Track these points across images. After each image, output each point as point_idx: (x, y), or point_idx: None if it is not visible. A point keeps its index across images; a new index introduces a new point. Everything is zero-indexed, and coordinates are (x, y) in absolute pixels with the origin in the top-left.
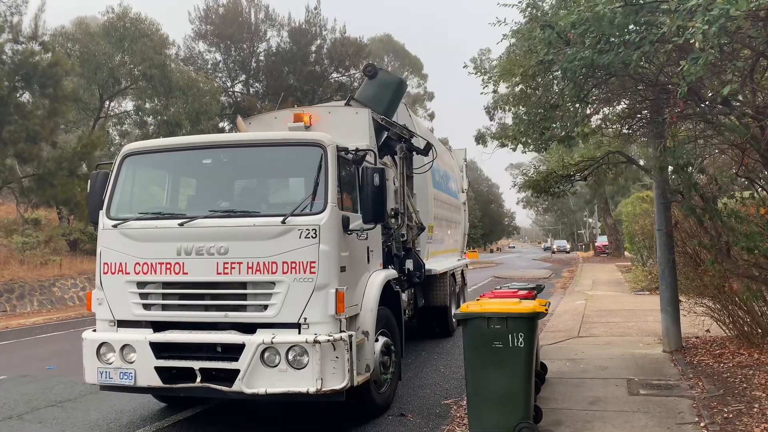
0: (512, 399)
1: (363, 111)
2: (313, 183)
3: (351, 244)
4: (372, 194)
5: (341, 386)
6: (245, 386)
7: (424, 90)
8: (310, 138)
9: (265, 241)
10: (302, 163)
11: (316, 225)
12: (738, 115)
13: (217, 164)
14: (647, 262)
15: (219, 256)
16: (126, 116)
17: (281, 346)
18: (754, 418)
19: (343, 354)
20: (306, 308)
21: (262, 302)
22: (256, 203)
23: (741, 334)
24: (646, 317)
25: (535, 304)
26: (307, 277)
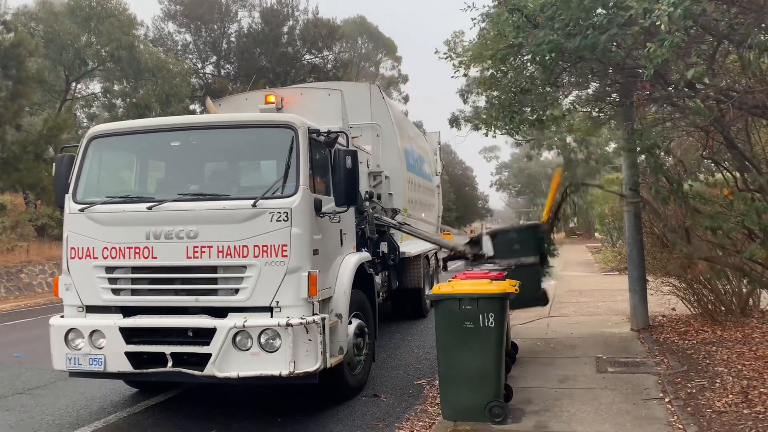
0: (483, 378)
1: (335, 93)
2: (285, 165)
3: (324, 227)
4: (344, 177)
5: (314, 369)
6: (217, 370)
7: (398, 72)
8: (280, 120)
9: (236, 224)
10: (273, 145)
11: (287, 208)
12: (702, 98)
13: (185, 147)
14: (617, 243)
15: (189, 239)
16: (94, 98)
17: (253, 329)
18: (716, 392)
19: (315, 337)
20: (278, 292)
21: (234, 286)
22: (227, 186)
23: (705, 312)
24: (614, 297)
25: (505, 284)
26: (279, 260)
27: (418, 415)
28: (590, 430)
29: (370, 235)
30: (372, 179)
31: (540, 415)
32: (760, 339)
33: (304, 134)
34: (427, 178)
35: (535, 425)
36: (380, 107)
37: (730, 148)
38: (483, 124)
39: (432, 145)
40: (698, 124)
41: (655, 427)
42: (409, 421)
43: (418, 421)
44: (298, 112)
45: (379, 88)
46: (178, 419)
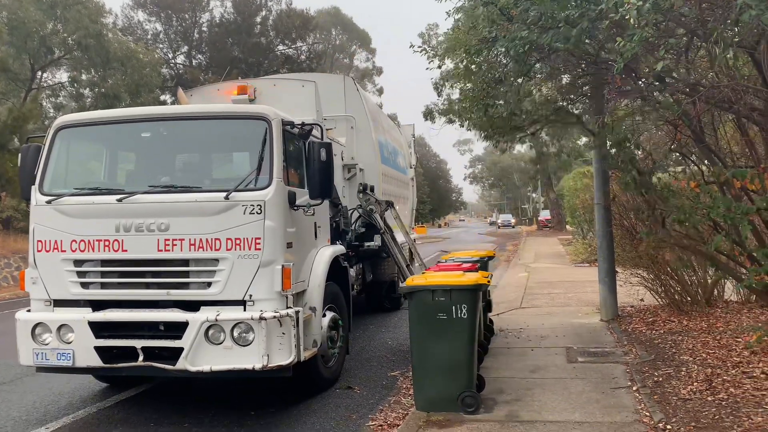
0: (456, 369)
1: (309, 84)
2: (258, 158)
3: (298, 220)
4: (319, 169)
5: (288, 362)
6: (189, 364)
7: (372, 65)
8: (254, 111)
9: (208, 217)
10: (246, 137)
11: (261, 200)
12: (671, 92)
13: (156, 138)
14: (587, 235)
15: (160, 232)
16: (61, 88)
17: (226, 323)
18: (681, 380)
19: (289, 330)
20: (251, 285)
21: (206, 279)
22: (199, 178)
23: (672, 303)
24: (585, 288)
25: (477, 276)
26: (252, 253)
27: (392, 406)
28: (560, 418)
29: (344, 228)
30: (346, 172)
31: (512, 404)
32: (724, 328)
33: (278, 126)
34: (402, 170)
35: (507, 414)
36: (354, 99)
37: (697, 142)
38: (457, 117)
39: (406, 138)
40: (667, 118)
41: (623, 415)
42: (382, 412)
43: (391, 412)
44: (271, 104)
45: (354, 80)
46: (149, 413)
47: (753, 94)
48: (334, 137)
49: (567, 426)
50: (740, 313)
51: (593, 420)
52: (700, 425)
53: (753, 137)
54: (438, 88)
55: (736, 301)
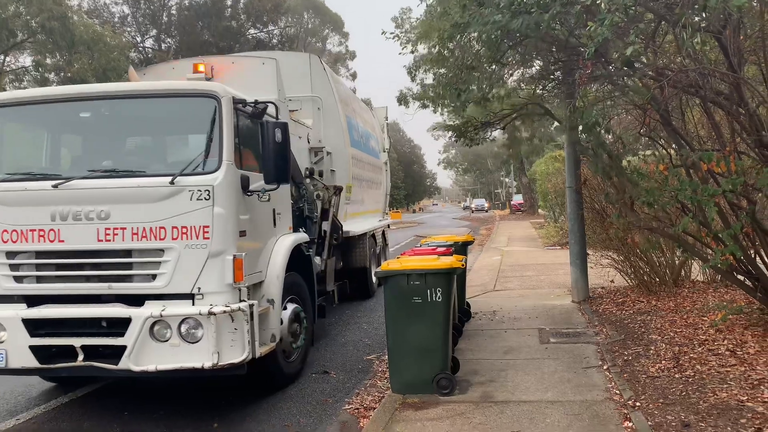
0: (431, 352)
1: (270, 62)
2: (206, 139)
3: (253, 207)
4: (273, 151)
5: (240, 359)
6: (133, 363)
7: (345, 49)
8: (202, 88)
9: (152, 203)
10: (194, 116)
11: (209, 185)
12: (640, 76)
13: (97, 118)
14: (559, 218)
15: (99, 221)
16: (24, 72)
17: (172, 318)
18: (650, 359)
19: (242, 325)
20: (200, 277)
21: (151, 271)
22: (143, 162)
23: (641, 283)
24: (557, 270)
25: (452, 260)
26: (200, 243)
27: (368, 389)
28: (533, 398)
29: (308, 214)
30: (313, 155)
31: (486, 385)
32: (691, 307)
33: (228, 104)
34: (374, 154)
35: (481, 395)
36: (321, 79)
37: (665, 126)
38: (430, 102)
39: (379, 121)
40: (636, 103)
41: (594, 394)
42: (358, 395)
43: (367, 396)
44: (229, 83)
45: (320, 59)
46: (123, 401)
47: (719, 78)
48: (299, 119)
49: (540, 405)
50: (706, 293)
51: (565, 399)
52: (668, 401)
53: (719, 121)
54: (412, 73)
55: (702, 281)
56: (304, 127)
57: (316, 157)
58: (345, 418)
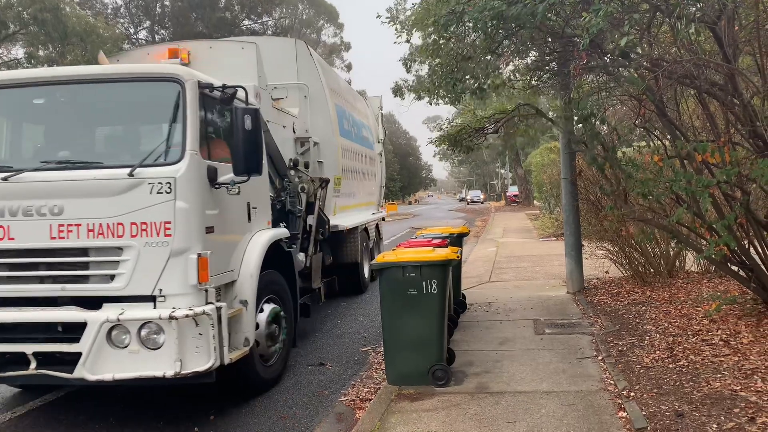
0: (426, 343)
1: (250, 46)
2: (168, 127)
3: (222, 201)
4: (243, 140)
5: (206, 367)
6: (88, 372)
7: (340, 40)
8: (163, 71)
9: (109, 197)
10: (156, 102)
11: (170, 178)
12: (636, 67)
13: (51, 105)
14: (554, 209)
15: (53, 216)
16: (17, 64)
17: (131, 323)
18: (644, 349)
19: (207, 330)
20: (161, 278)
21: (108, 272)
22: (101, 153)
23: (636, 274)
24: (552, 261)
25: (447, 251)
26: (161, 240)
27: (364, 381)
28: (529, 389)
29: (290, 208)
30: (299, 146)
31: (481, 376)
32: (685, 298)
33: (193, 89)
34: (367, 145)
35: (477, 386)
36: (308, 65)
37: (660, 117)
38: (426, 93)
39: (374, 111)
40: (631, 93)
41: (589, 384)
42: (354, 387)
43: (363, 387)
44: (207, 68)
45: (306, 44)
46: (115, 399)
47: (714, 69)
48: (284, 107)
49: (535, 396)
50: (700, 283)
51: (560, 389)
52: (662, 391)
53: (713, 112)
54: (407, 64)
55: (696, 271)
56: (289, 116)
57: (302, 148)
58: (341, 409)
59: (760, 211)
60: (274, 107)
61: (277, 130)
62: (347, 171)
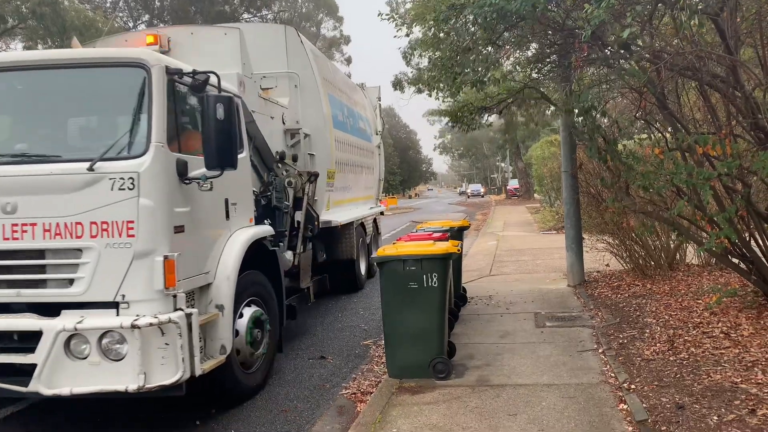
0: (427, 336)
1: (233, 32)
2: (133, 117)
3: (195, 197)
4: (215, 131)
5: (173, 380)
6: (43, 385)
7: (340, 33)
8: (127, 56)
9: (67, 194)
10: (120, 89)
11: (133, 172)
12: (637, 59)
13: (7, 93)
14: (555, 203)
15: (5, 215)
16: None
17: (91, 332)
18: (645, 342)
19: (174, 339)
20: (124, 282)
21: (67, 275)
22: (60, 145)
23: (636, 267)
24: (552, 255)
25: (447, 245)
26: (124, 241)
27: (365, 374)
28: (529, 381)
29: (276, 204)
30: (289, 138)
31: (482, 369)
32: (686, 291)
33: (160, 74)
34: (364, 137)
35: (477, 379)
36: (298, 53)
37: (661, 109)
38: (426, 86)
39: (372, 102)
40: (632, 86)
41: (590, 377)
42: (355, 380)
43: (364, 381)
44: (188, 56)
45: (297, 31)
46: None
47: (716, 60)
48: (272, 97)
49: (536, 389)
50: (701, 276)
51: (561, 382)
52: (663, 384)
53: (715, 104)
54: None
55: (697, 264)
56: (278, 107)
57: (293, 140)
58: (342, 402)
59: (761, 203)
60: (260, 97)
61: (264, 121)
62: (342, 164)
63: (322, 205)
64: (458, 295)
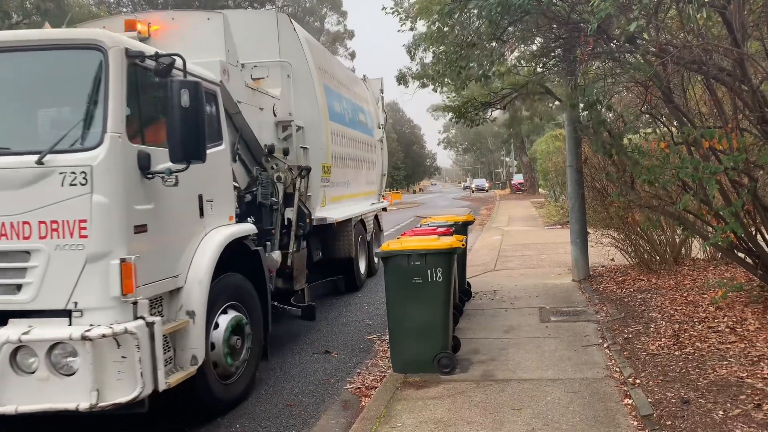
0: (432, 331)
1: (216, 17)
2: (87, 104)
3: (161, 193)
4: (180, 120)
5: (130, 397)
6: None
7: (343, 28)
8: (82, 37)
9: (13, 191)
10: (75, 74)
11: (86, 166)
12: (643, 53)
13: None
14: (559, 197)
15: None
16: None
17: (38, 344)
18: (650, 336)
19: (132, 352)
20: (76, 288)
21: (13, 281)
22: (9, 136)
23: (641, 262)
24: (557, 249)
25: (452, 240)
26: (75, 242)
27: (369, 369)
28: (534, 376)
29: (262, 200)
30: (280, 130)
31: (487, 364)
32: (691, 285)
33: (118, 57)
34: (365, 130)
35: (482, 374)
36: (291, 41)
37: (667, 103)
38: (430, 81)
39: (374, 94)
40: (638, 79)
41: (595, 371)
42: (360, 375)
43: (369, 375)
44: (169, 43)
45: (290, 18)
46: None
47: (722, 54)
48: (261, 87)
49: (541, 383)
50: (706, 271)
51: (566, 377)
52: (668, 378)
53: (721, 98)
54: (411, 51)
55: (702, 259)
56: (268, 97)
57: (284, 133)
58: (347, 397)
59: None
60: (248, 86)
61: (252, 113)
62: (339, 158)
63: (317, 202)
64: (463, 290)
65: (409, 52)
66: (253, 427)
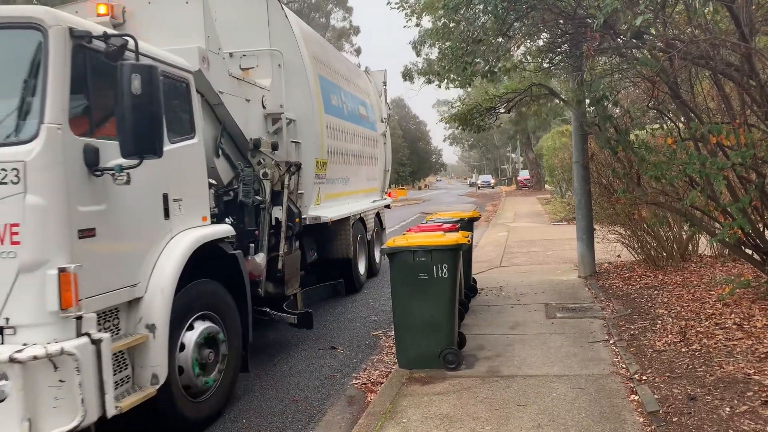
0: (437, 327)
1: (195, 0)
2: (23, 91)
3: (114, 193)
4: (131, 109)
5: (69, 427)
6: None
7: (349, 24)
8: (19, 14)
9: None
10: (12, 57)
11: (18, 162)
12: (649, 48)
13: None
14: (565, 193)
15: None
16: None
17: None
18: (656, 333)
19: (71, 375)
20: (8, 302)
21: None
22: None
23: (648, 258)
24: (563, 246)
25: (458, 236)
26: (6, 249)
27: (375, 365)
28: (540, 372)
29: (243, 198)
30: (270, 123)
31: (492, 360)
32: (698, 282)
33: (60, 38)
34: (366, 124)
35: (488, 370)
36: (282, 28)
37: (674, 99)
38: (436, 77)
39: (377, 86)
40: (645, 75)
41: (601, 368)
42: (366, 371)
43: (374, 371)
44: (146, 29)
45: (281, 3)
46: None
47: (730, 49)
48: (248, 77)
49: (546, 379)
50: (713, 267)
51: (572, 373)
52: (674, 375)
53: (728, 93)
54: (417, 47)
55: (709, 255)
56: (256, 88)
57: (274, 126)
58: (352, 392)
59: None
60: (233, 76)
61: (238, 104)
62: (336, 153)
63: (311, 199)
64: (468, 286)
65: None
66: (259, 422)
